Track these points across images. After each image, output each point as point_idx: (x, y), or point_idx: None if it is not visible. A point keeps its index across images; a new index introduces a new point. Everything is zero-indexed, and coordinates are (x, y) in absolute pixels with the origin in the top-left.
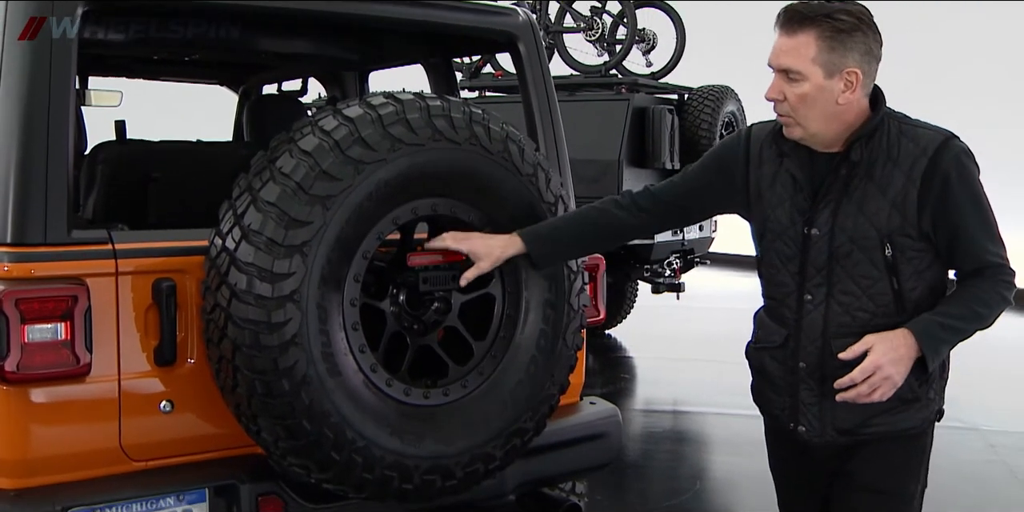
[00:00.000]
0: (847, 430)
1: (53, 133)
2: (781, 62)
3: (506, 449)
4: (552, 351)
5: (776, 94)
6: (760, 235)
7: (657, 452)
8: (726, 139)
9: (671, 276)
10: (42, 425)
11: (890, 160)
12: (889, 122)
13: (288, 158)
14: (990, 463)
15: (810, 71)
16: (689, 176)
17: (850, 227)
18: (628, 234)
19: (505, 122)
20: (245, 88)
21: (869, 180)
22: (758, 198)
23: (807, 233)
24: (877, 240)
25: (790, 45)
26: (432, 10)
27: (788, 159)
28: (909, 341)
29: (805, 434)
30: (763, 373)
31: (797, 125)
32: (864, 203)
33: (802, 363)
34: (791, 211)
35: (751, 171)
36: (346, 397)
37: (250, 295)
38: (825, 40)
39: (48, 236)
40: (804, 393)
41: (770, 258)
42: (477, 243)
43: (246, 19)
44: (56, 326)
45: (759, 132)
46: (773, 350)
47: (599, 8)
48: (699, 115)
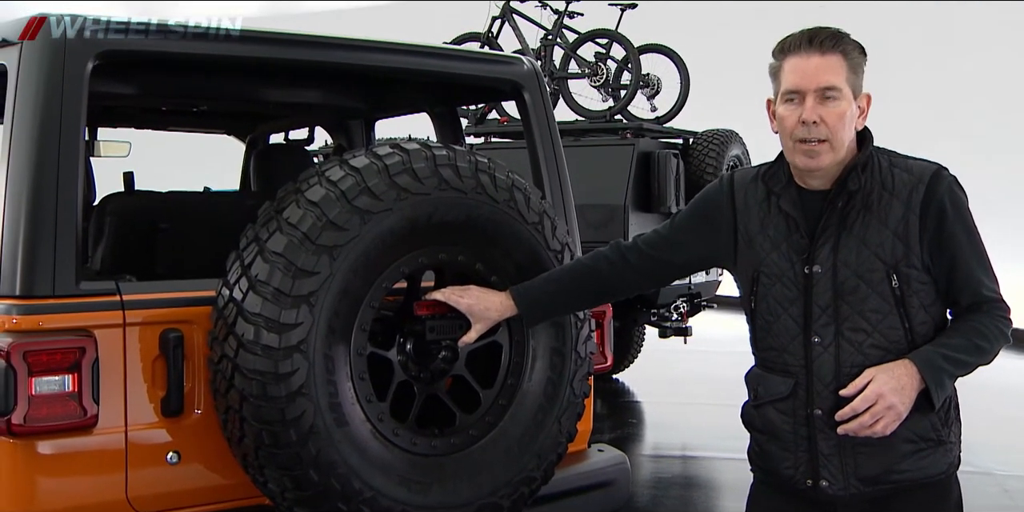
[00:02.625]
0: (871, 478)
1: (62, 186)
2: (821, 80)
3: (513, 498)
4: (559, 399)
5: (815, 116)
6: (752, 282)
7: (666, 498)
8: (707, 188)
9: (678, 320)
10: (48, 477)
11: (885, 190)
12: (878, 156)
13: (295, 208)
14: (1005, 508)
15: (846, 89)
16: (675, 227)
17: (854, 261)
18: (616, 293)
19: (511, 170)
20: (252, 137)
21: (867, 212)
22: (748, 244)
23: (808, 272)
24: (883, 272)
25: (826, 64)
26: (438, 60)
27: (780, 198)
28: (911, 371)
29: (828, 489)
30: (768, 431)
31: (831, 151)
32: (866, 235)
33: (817, 410)
34: (788, 252)
35: (738, 217)
36: (353, 447)
37: (257, 345)
38: (850, 61)
39: (56, 288)
40: (822, 443)
41: (767, 305)
42: (473, 302)
43: (253, 70)
44: (64, 378)
45: (741, 178)
46: (779, 402)
47: (603, 54)
48: (704, 159)
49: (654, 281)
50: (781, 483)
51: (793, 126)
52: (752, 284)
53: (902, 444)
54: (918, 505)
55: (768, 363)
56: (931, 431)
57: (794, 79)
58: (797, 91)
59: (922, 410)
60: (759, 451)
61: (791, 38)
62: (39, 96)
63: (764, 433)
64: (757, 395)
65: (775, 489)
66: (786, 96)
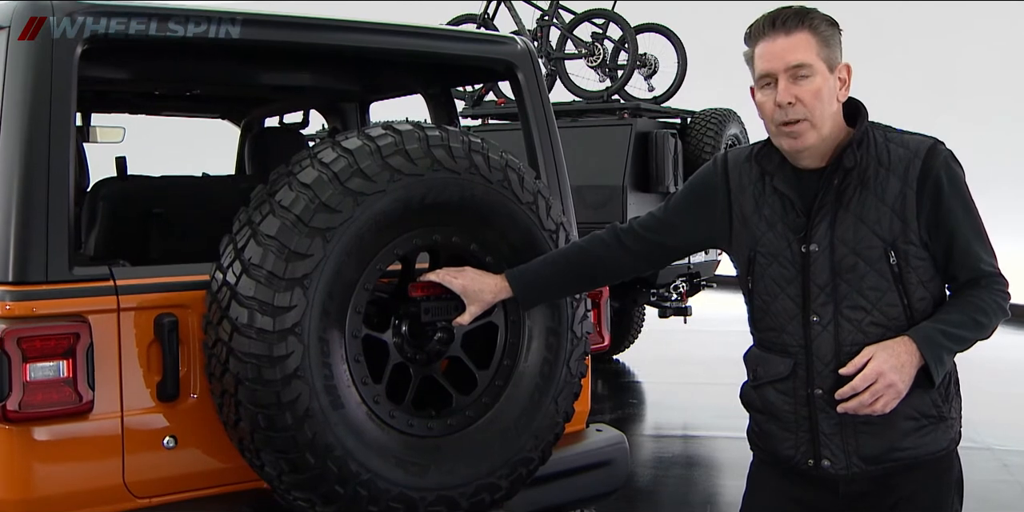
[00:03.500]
0: (874, 457)
1: (54, 171)
2: (789, 60)
3: (511, 479)
4: (555, 379)
5: (789, 97)
6: (748, 263)
7: (667, 478)
8: (701, 169)
9: (678, 300)
10: (45, 464)
11: (882, 166)
12: (873, 131)
13: (287, 191)
14: (1004, 483)
15: (818, 65)
16: (670, 210)
17: (851, 238)
18: (612, 277)
19: (504, 151)
20: (247, 121)
21: (864, 188)
22: (743, 224)
23: (805, 251)
24: (881, 249)
25: (791, 43)
26: (431, 40)
27: (774, 178)
28: (910, 348)
29: (830, 469)
30: (768, 411)
31: (812, 128)
32: (863, 212)
33: (818, 390)
34: (784, 231)
35: (733, 198)
36: (349, 430)
37: (251, 329)
38: (820, 35)
39: (49, 274)
40: (823, 423)
41: (764, 285)
42: (468, 284)
43: (246, 53)
44: (58, 364)
45: (735, 158)
46: (779, 383)
47: (600, 34)
48: (702, 138)
49: (651, 264)
50: (782, 463)
51: (772, 110)
52: (749, 264)
53: (903, 421)
54: (920, 482)
55: (767, 343)
56: (932, 408)
57: (763, 64)
58: (769, 74)
59: (922, 387)
60: (759, 431)
61: (756, 23)
62: (28, 82)
63: (764, 413)
64: (756, 376)
65: (775, 469)
66: (761, 82)
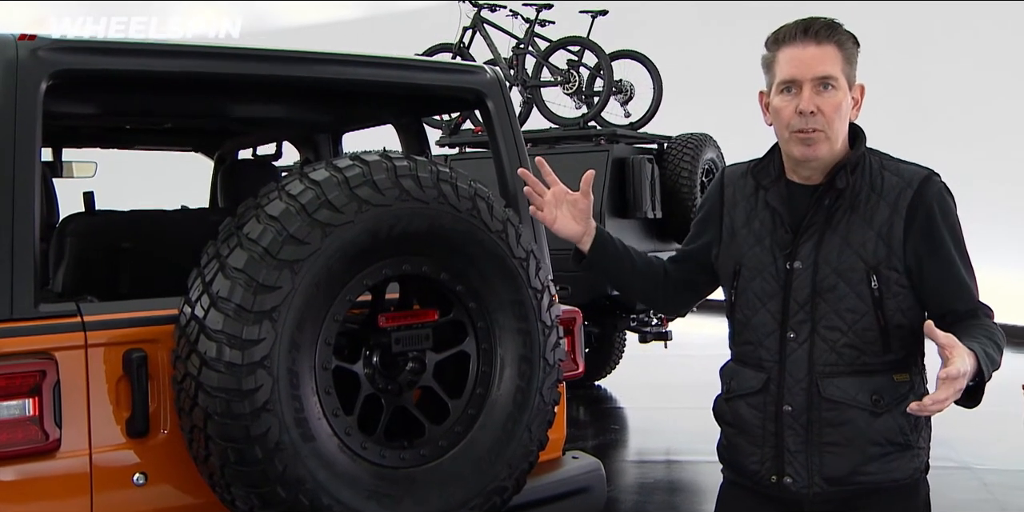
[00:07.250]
0: (836, 479)
1: (18, 207)
2: (818, 70)
3: (485, 508)
4: (529, 407)
5: (812, 106)
6: (733, 276)
7: (650, 503)
8: (708, 188)
9: (658, 324)
10: (10, 505)
11: (874, 192)
12: (870, 157)
13: (255, 223)
14: (984, 502)
15: (841, 80)
16: (690, 236)
17: (835, 259)
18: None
19: (473, 179)
20: (220, 154)
21: (853, 211)
22: (731, 237)
23: (790, 267)
24: (863, 272)
25: (821, 53)
26: (399, 71)
27: (768, 192)
28: (973, 361)
29: (792, 486)
30: (738, 424)
31: (827, 141)
32: (849, 234)
33: (787, 406)
34: (771, 247)
35: (726, 211)
36: (321, 462)
37: (220, 363)
38: (846, 52)
39: (15, 311)
40: (789, 440)
41: (746, 299)
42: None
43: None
44: (24, 402)
45: (732, 174)
46: (750, 397)
47: (576, 61)
48: (679, 163)
49: (691, 292)
50: (747, 478)
51: (790, 117)
52: (733, 278)
53: (869, 446)
54: (884, 506)
55: (743, 357)
56: (899, 435)
57: (790, 69)
58: (793, 81)
59: (892, 413)
60: (727, 444)
61: (785, 28)
62: None
63: (733, 427)
64: (729, 388)
65: (743, 490)
66: (782, 86)
